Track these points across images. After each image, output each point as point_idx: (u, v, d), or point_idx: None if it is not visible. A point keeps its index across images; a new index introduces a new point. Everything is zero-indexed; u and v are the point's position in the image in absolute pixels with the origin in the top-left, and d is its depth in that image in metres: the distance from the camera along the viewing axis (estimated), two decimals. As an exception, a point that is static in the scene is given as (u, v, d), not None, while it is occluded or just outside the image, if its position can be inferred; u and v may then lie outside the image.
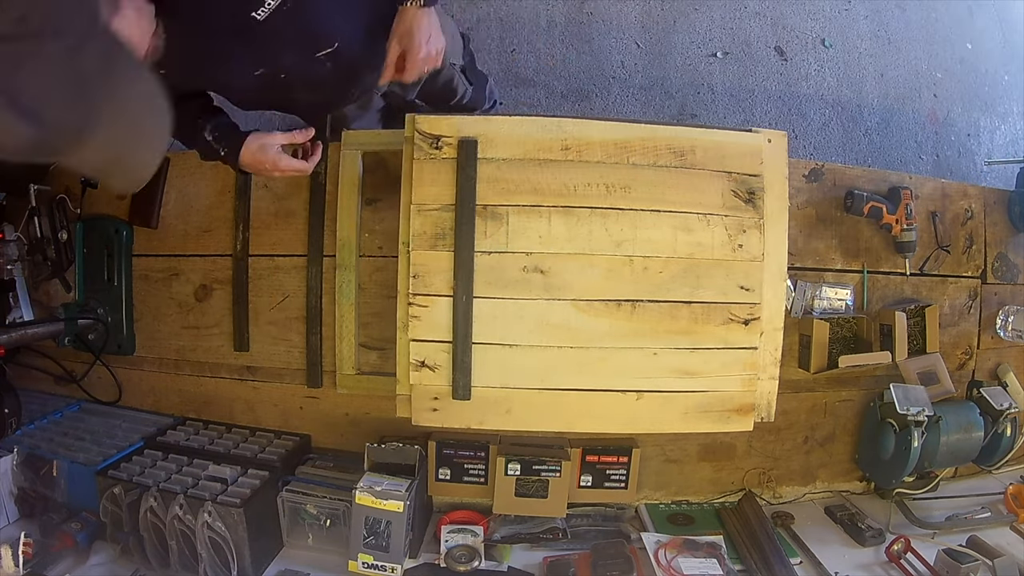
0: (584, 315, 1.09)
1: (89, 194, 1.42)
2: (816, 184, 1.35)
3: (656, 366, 1.10)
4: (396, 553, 1.12)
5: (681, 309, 1.10)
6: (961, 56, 2.41)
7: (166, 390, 1.44)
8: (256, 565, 1.13)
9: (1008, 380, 1.47)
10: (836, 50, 2.27)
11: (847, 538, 1.28)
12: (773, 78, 2.21)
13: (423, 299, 1.10)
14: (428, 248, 1.09)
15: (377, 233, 1.30)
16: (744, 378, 1.12)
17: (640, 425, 1.13)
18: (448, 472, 1.27)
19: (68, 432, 1.36)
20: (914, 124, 2.31)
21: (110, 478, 1.17)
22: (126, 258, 1.39)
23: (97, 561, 1.18)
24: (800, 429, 1.39)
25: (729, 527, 1.28)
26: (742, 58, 2.20)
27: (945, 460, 1.33)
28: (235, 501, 1.11)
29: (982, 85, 2.44)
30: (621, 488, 1.29)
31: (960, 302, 1.45)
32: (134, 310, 1.41)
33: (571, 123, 1.10)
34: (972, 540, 1.20)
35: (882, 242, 1.38)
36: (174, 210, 1.37)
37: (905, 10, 2.37)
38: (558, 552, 1.22)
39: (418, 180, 1.10)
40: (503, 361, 1.10)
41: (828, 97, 2.24)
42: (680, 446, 1.35)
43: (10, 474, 1.26)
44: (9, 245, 1.43)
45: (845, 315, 1.34)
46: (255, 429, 1.37)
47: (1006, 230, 1.49)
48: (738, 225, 1.10)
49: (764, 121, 2.15)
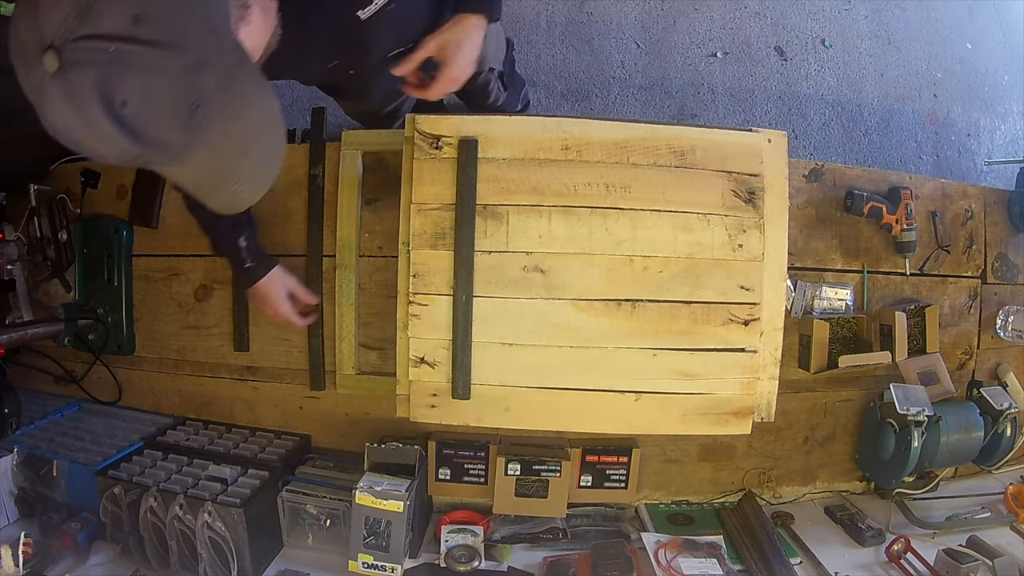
0: (584, 315, 1.09)
1: (89, 194, 1.42)
2: (816, 184, 1.35)
3: (655, 367, 1.10)
4: (396, 553, 1.12)
5: (681, 309, 1.10)
6: (961, 56, 2.41)
7: (166, 390, 1.44)
8: (256, 565, 1.13)
9: (1008, 380, 1.47)
10: (836, 50, 2.27)
11: (847, 538, 1.28)
12: (773, 78, 2.21)
13: (423, 298, 1.10)
14: (428, 247, 1.09)
15: (377, 233, 1.30)
16: (743, 381, 1.11)
17: (638, 426, 1.13)
18: (448, 472, 1.27)
19: (68, 432, 1.36)
20: (914, 124, 2.31)
21: (110, 478, 1.17)
22: (126, 258, 1.39)
23: (97, 561, 1.18)
24: (800, 429, 1.39)
25: (729, 527, 1.28)
26: (742, 58, 2.20)
27: (945, 460, 1.33)
28: (235, 501, 1.11)
29: (982, 85, 2.43)
30: (621, 488, 1.29)
31: (960, 302, 1.45)
32: (134, 310, 1.41)
33: (571, 123, 1.10)
34: (972, 540, 1.20)
35: (882, 242, 1.38)
36: (174, 210, 1.37)
37: (905, 10, 2.37)
38: (558, 552, 1.22)
39: (418, 180, 1.09)
40: (502, 360, 1.10)
41: (828, 97, 2.23)
42: (680, 446, 1.35)
43: (10, 474, 1.26)
44: (9, 245, 1.43)
45: (845, 315, 1.34)
46: (255, 429, 1.37)
47: (1006, 230, 1.49)
48: (738, 225, 1.10)
49: (764, 121, 2.15)
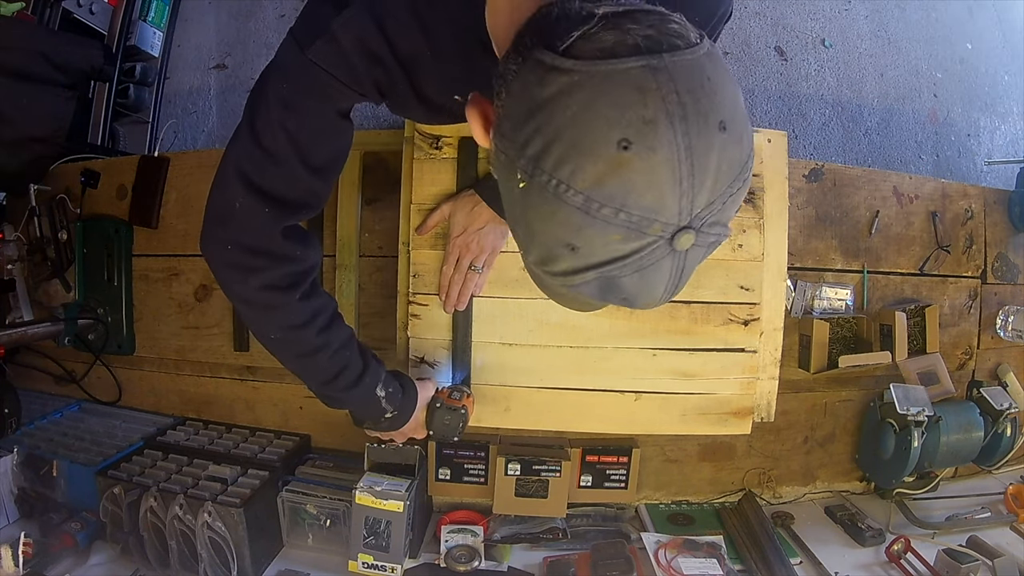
0: (583, 314, 1.09)
1: (89, 194, 1.42)
2: (816, 184, 1.35)
3: (655, 367, 1.10)
4: (396, 553, 1.12)
5: (681, 309, 1.10)
6: (961, 56, 2.41)
7: (166, 390, 1.44)
8: (256, 565, 1.13)
9: (1008, 380, 1.47)
10: (836, 50, 2.27)
11: (847, 538, 1.28)
12: (773, 78, 2.21)
13: (423, 298, 1.10)
14: (428, 247, 1.09)
15: (377, 233, 1.30)
16: (743, 381, 1.11)
17: (638, 426, 1.13)
18: (448, 472, 1.27)
19: (68, 432, 1.36)
20: (914, 124, 2.31)
21: (110, 478, 1.17)
22: (126, 258, 1.39)
23: (97, 561, 1.17)
24: (800, 429, 1.39)
25: (729, 527, 1.28)
26: (742, 58, 2.20)
27: (945, 460, 1.33)
28: (235, 501, 1.11)
29: (982, 85, 2.43)
30: (621, 488, 1.29)
31: (960, 302, 1.45)
32: (134, 310, 1.41)
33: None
34: (972, 540, 1.20)
35: (882, 242, 1.38)
36: (174, 210, 1.37)
37: (905, 10, 2.37)
38: (558, 552, 1.22)
39: (418, 180, 1.10)
40: (502, 359, 1.10)
41: (828, 97, 2.23)
42: (680, 446, 1.35)
43: (10, 474, 1.26)
44: (9, 245, 1.43)
45: (845, 315, 1.34)
46: (255, 429, 1.37)
47: (1006, 230, 1.49)
48: (738, 225, 1.10)
49: (764, 121, 2.15)
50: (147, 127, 2.02)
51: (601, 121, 0.43)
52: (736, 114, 0.45)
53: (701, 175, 0.43)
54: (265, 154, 0.71)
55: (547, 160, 0.44)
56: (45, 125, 1.46)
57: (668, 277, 0.48)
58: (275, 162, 0.71)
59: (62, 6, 1.71)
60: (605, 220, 0.44)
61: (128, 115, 1.97)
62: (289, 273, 0.78)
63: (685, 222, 0.44)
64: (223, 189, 0.74)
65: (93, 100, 1.84)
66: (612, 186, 0.43)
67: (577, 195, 0.43)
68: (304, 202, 0.76)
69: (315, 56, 0.66)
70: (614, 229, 0.44)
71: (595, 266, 0.46)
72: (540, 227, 0.47)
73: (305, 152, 0.71)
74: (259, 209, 0.73)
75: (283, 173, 0.72)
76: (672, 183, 0.43)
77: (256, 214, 0.73)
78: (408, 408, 0.98)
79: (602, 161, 0.42)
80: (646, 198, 0.43)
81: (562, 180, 0.43)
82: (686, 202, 0.44)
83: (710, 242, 0.47)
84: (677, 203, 0.44)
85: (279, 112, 0.69)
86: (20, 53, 1.42)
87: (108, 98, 1.86)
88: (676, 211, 0.44)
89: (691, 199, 0.44)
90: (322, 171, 0.74)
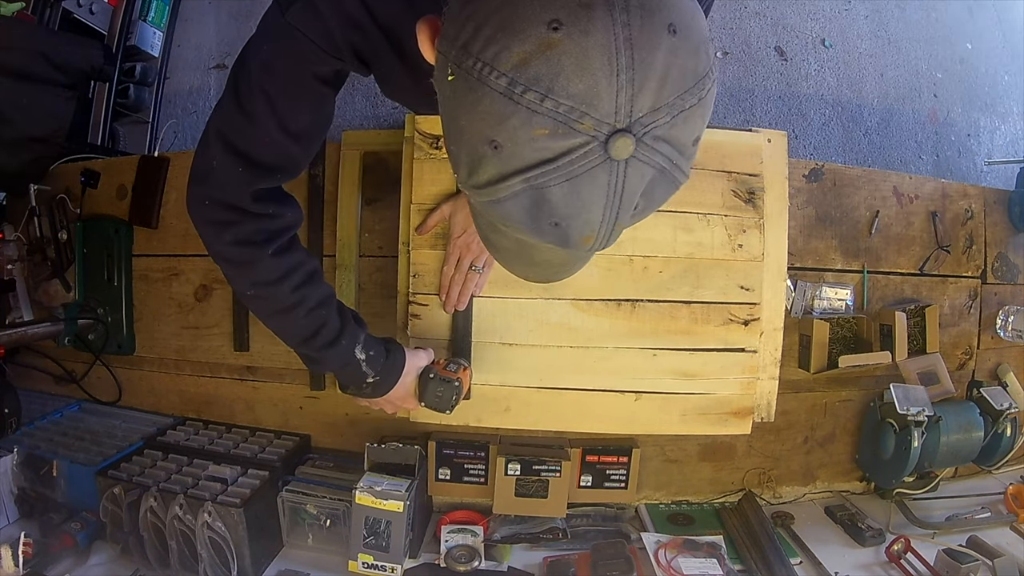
0: (584, 314, 1.09)
1: (89, 194, 1.42)
2: (816, 184, 1.35)
3: (655, 367, 1.10)
4: (396, 553, 1.12)
5: (681, 309, 1.10)
6: (961, 56, 2.41)
7: (166, 390, 1.44)
8: (256, 565, 1.13)
9: (1008, 380, 1.47)
10: (836, 50, 2.27)
11: (847, 538, 1.28)
12: (773, 78, 2.21)
13: (423, 298, 1.10)
14: (428, 247, 1.09)
15: (377, 233, 1.30)
16: (743, 381, 1.11)
17: (638, 426, 1.13)
18: (448, 472, 1.27)
19: (68, 432, 1.36)
20: (914, 124, 2.31)
21: (110, 478, 1.17)
22: (126, 258, 1.39)
23: (97, 561, 1.17)
24: (800, 429, 1.39)
25: (729, 527, 1.28)
26: (742, 58, 2.20)
27: (945, 460, 1.33)
28: (235, 501, 1.11)
29: (982, 85, 2.43)
30: (621, 488, 1.29)
31: (960, 302, 1.45)
32: (134, 310, 1.41)
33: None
34: (972, 540, 1.20)
35: (882, 242, 1.38)
36: (174, 210, 1.37)
37: (905, 10, 2.37)
38: (558, 552, 1.22)
39: (418, 179, 1.09)
40: (502, 359, 1.10)
41: (828, 97, 2.24)
42: (680, 446, 1.35)
43: (10, 474, 1.26)
44: (9, 245, 1.43)
45: (845, 315, 1.34)
46: (255, 429, 1.37)
47: (1006, 230, 1.49)
48: (738, 225, 1.10)
49: (764, 121, 2.15)
50: (147, 127, 2.02)
51: (535, 2, 0.40)
52: (693, 24, 0.42)
53: (643, 71, 0.40)
54: (244, 115, 0.72)
55: (475, 44, 0.41)
56: (45, 125, 1.46)
57: (605, 195, 0.43)
58: (252, 123, 0.72)
59: (62, 6, 1.71)
60: (529, 108, 0.40)
61: (128, 115, 1.98)
62: (262, 229, 0.79)
63: (623, 124, 0.40)
64: (204, 149, 0.76)
65: (93, 100, 1.84)
66: (538, 66, 0.40)
67: (501, 77, 0.40)
68: (280, 165, 0.77)
69: (293, 19, 0.66)
70: (540, 120, 0.40)
71: (521, 170, 0.43)
72: (466, 123, 0.44)
73: (282, 115, 0.72)
74: (234, 168, 0.74)
75: (259, 135, 0.73)
76: (607, 73, 0.39)
77: (231, 173, 0.75)
78: (392, 374, 0.94)
79: (529, 41, 0.40)
80: (576, 84, 0.40)
81: (487, 62, 0.41)
82: (624, 99, 0.40)
83: (656, 163, 0.43)
84: (613, 98, 0.40)
85: (259, 74, 0.70)
86: (20, 53, 1.42)
87: (108, 98, 1.86)
88: (612, 107, 0.40)
89: (630, 96, 0.40)
90: (299, 137, 0.75)
